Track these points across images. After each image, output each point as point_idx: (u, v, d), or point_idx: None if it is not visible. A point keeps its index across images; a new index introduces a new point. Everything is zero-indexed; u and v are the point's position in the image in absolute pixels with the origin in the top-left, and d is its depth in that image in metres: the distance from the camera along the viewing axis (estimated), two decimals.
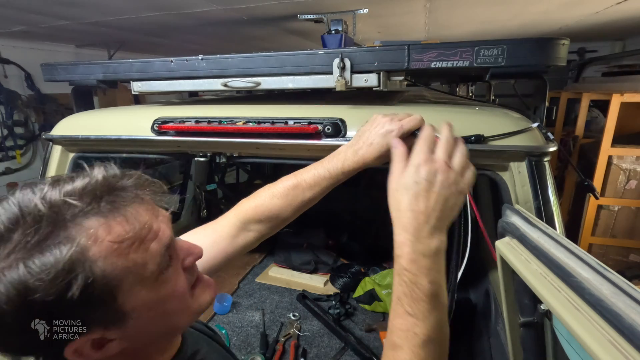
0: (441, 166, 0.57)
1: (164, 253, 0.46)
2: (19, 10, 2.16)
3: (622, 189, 2.66)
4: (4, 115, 3.19)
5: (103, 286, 0.40)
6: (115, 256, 0.41)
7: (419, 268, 0.54)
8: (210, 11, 2.25)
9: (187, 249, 0.53)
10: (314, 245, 2.31)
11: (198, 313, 0.54)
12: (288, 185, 0.81)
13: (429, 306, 0.53)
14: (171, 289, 0.48)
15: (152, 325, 0.48)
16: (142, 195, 0.47)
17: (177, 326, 0.53)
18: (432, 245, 0.55)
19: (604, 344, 0.37)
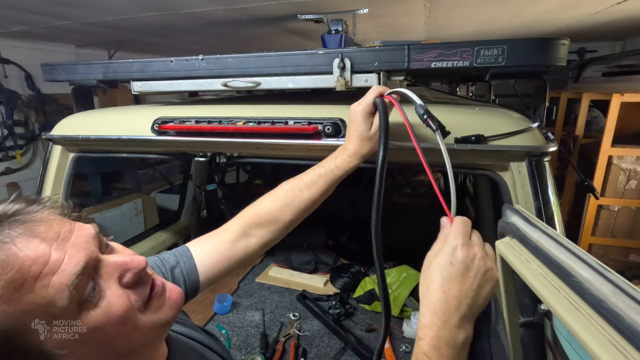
0: (480, 251, 0.55)
1: (75, 283, 0.41)
2: (19, 10, 2.16)
3: (622, 189, 2.66)
4: (4, 115, 3.19)
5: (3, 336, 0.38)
6: (3, 304, 0.37)
7: (440, 357, 0.51)
8: (210, 11, 2.26)
9: (122, 265, 0.47)
10: (314, 245, 2.31)
11: (161, 327, 0.50)
12: (286, 187, 0.83)
13: None
14: (104, 315, 0.43)
15: (94, 355, 0.44)
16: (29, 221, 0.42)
17: (134, 346, 0.49)
18: (458, 336, 0.52)
19: (604, 344, 0.37)
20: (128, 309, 0.45)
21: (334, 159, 0.81)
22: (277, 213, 0.82)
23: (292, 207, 0.82)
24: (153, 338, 0.52)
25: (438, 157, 0.87)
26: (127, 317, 0.45)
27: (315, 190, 0.81)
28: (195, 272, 0.77)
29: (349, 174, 0.83)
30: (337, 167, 0.80)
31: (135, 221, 3.11)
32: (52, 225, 0.44)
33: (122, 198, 3.28)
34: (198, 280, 0.77)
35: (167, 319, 0.51)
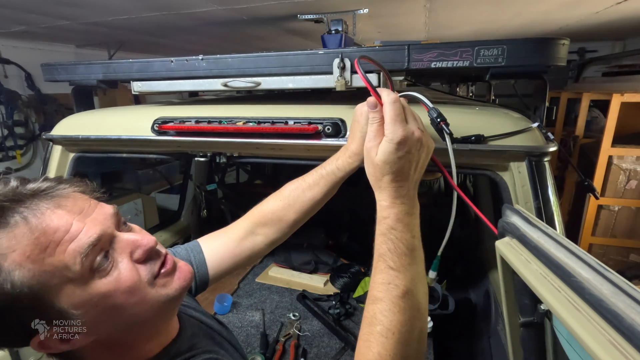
0: (418, 135, 0.59)
1: (88, 252, 0.46)
2: (19, 10, 2.16)
3: (622, 189, 2.66)
4: (4, 115, 3.20)
5: (25, 292, 0.43)
6: (30, 263, 0.43)
7: (404, 225, 0.59)
8: (211, 11, 2.26)
9: (134, 242, 0.52)
10: (314, 245, 2.31)
11: (168, 302, 0.54)
12: (290, 187, 0.85)
13: (410, 259, 0.58)
14: (114, 284, 0.48)
15: (107, 318, 0.49)
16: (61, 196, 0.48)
17: (141, 318, 0.53)
18: (413, 205, 0.60)
19: (604, 344, 0.37)
20: (137, 281, 0.50)
21: (335, 160, 0.81)
22: (281, 213, 0.84)
23: (295, 207, 0.83)
24: (161, 311, 0.55)
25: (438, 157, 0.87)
26: (135, 288, 0.50)
27: (318, 191, 0.82)
28: (204, 266, 0.81)
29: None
30: (337, 168, 0.80)
31: (135, 221, 3.09)
32: (77, 201, 0.50)
33: (122, 198, 3.28)
34: (207, 274, 0.81)
35: (174, 294, 0.55)
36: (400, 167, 0.59)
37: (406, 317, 0.55)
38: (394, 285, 0.56)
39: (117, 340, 0.53)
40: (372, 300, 0.57)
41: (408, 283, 0.56)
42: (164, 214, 3.47)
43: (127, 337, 0.54)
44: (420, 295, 0.58)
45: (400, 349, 0.53)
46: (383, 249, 0.59)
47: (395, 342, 0.53)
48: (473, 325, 1.64)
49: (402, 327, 0.54)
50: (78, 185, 0.53)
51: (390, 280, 0.56)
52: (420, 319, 0.57)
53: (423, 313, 0.58)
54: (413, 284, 0.57)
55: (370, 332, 0.55)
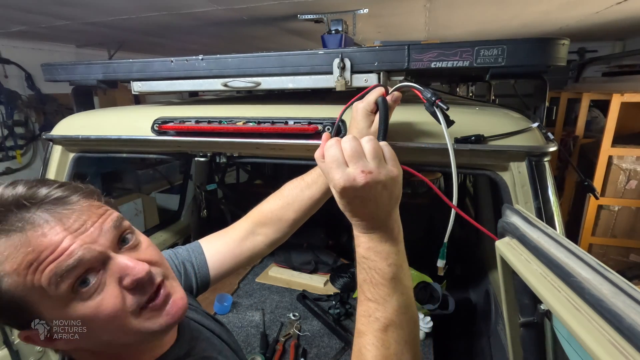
0: (361, 180, 0.51)
1: (64, 274, 0.45)
2: (19, 10, 2.16)
3: (622, 189, 2.66)
4: (4, 115, 3.20)
5: (9, 299, 0.45)
6: (15, 275, 0.44)
7: (377, 253, 0.54)
8: (210, 11, 2.26)
9: (124, 269, 0.49)
10: (314, 245, 2.31)
11: (147, 335, 0.51)
12: (289, 186, 0.86)
13: (389, 289, 0.53)
14: (93, 309, 0.46)
15: (85, 336, 0.48)
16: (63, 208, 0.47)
17: (120, 343, 0.51)
18: (386, 232, 0.55)
19: (604, 344, 0.37)
20: (119, 310, 0.48)
21: None
22: (280, 212, 0.84)
23: (294, 206, 0.84)
24: (144, 340, 0.53)
25: (438, 156, 0.87)
26: (116, 317, 0.48)
27: (316, 189, 0.82)
28: (205, 266, 0.81)
29: None
30: None
31: (135, 221, 3.11)
32: (82, 215, 0.48)
33: (122, 198, 3.29)
34: (208, 275, 0.81)
35: (158, 329, 0.51)
36: (354, 209, 0.54)
37: (391, 352, 0.51)
38: (374, 318, 0.53)
39: (102, 351, 0.53)
40: (357, 333, 0.54)
41: (390, 315, 0.52)
42: (164, 214, 3.47)
43: (111, 350, 0.53)
44: (408, 328, 0.54)
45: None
46: (360, 279, 0.56)
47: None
48: (473, 325, 1.64)
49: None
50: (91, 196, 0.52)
51: (370, 313, 0.53)
52: (409, 351, 0.53)
53: (412, 343, 0.54)
54: (396, 315, 0.53)
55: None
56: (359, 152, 0.52)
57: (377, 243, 0.55)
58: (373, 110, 0.79)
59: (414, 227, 2.29)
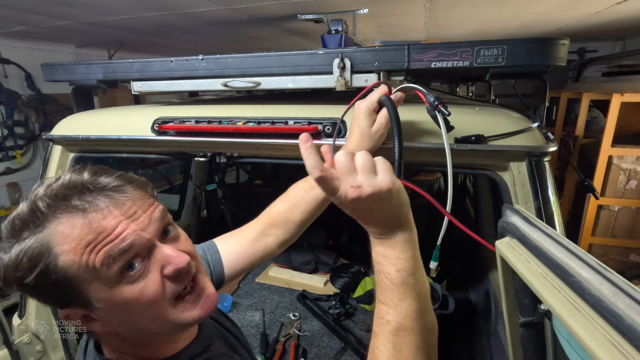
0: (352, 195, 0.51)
1: (117, 256, 0.48)
2: (20, 10, 2.16)
3: (622, 189, 2.65)
4: (4, 115, 3.20)
5: (63, 276, 0.47)
6: (72, 254, 0.47)
7: (386, 258, 0.55)
8: (210, 11, 2.26)
9: (167, 257, 0.53)
10: (314, 245, 2.31)
11: (182, 326, 0.55)
12: (294, 188, 0.88)
13: (399, 294, 0.54)
14: (137, 293, 0.50)
15: (122, 320, 0.52)
16: (123, 196, 0.51)
17: (151, 331, 0.54)
18: (395, 239, 0.55)
19: (604, 344, 0.37)
20: (159, 296, 0.51)
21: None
22: (287, 214, 0.86)
23: (300, 208, 0.85)
24: (174, 331, 0.57)
25: (438, 157, 0.87)
26: (156, 303, 0.51)
27: (319, 191, 0.82)
28: (220, 265, 0.83)
29: None
30: None
31: None
32: (135, 203, 0.52)
33: None
34: (223, 273, 0.83)
35: (191, 322, 0.55)
36: (359, 218, 0.56)
37: (403, 355, 0.52)
38: (385, 320, 0.54)
39: (131, 338, 0.56)
40: (373, 334, 0.56)
41: (401, 319, 0.53)
42: None
43: (140, 338, 0.56)
44: (421, 335, 0.54)
45: None
46: (375, 282, 0.57)
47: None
48: (473, 325, 1.64)
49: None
50: (143, 188, 0.55)
51: (382, 315, 0.54)
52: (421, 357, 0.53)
53: (426, 353, 0.54)
54: (408, 320, 0.53)
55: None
56: (350, 167, 0.52)
57: (387, 248, 0.55)
58: (375, 110, 0.79)
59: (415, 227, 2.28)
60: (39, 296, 0.52)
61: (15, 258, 0.47)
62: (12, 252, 0.47)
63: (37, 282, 0.47)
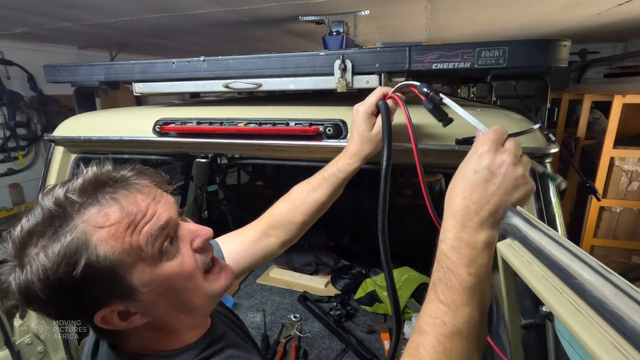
0: (510, 157, 0.51)
1: (158, 234, 0.52)
2: (22, 11, 2.17)
3: (624, 191, 2.65)
4: (7, 117, 3.21)
5: (106, 265, 0.48)
6: (113, 240, 0.49)
7: (459, 257, 0.51)
8: (212, 13, 2.26)
9: (194, 232, 0.58)
10: (315, 246, 2.31)
11: (214, 296, 0.60)
12: (296, 190, 0.88)
13: (464, 298, 0.50)
14: (177, 267, 0.54)
15: (165, 300, 0.54)
16: (140, 184, 0.54)
17: (191, 304, 0.58)
18: (478, 238, 0.52)
19: (606, 347, 0.37)
20: (195, 268, 0.56)
21: (336, 162, 0.83)
22: (289, 215, 0.86)
23: (301, 210, 0.86)
24: (207, 302, 0.60)
25: (439, 158, 0.87)
26: (193, 274, 0.56)
27: (321, 193, 0.84)
28: None
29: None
30: (339, 170, 0.82)
31: None
32: (152, 190, 0.56)
33: None
34: None
35: (220, 291, 0.61)
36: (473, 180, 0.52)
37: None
38: (441, 321, 0.50)
39: (165, 325, 0.58)
40: (418, 330, 0.52)
41: (459, 324, 0.50)
42: None
43: (174, 323, 0.58)
44: (475, 344, 0.51)
45: None
46: (435, 278, 0.53)
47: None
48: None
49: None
50: (153, 177, 0.58)
51: (438, 315, 0.51)
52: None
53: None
54: (466, 327, 0.50)
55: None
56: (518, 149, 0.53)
57: (464, 245, 0.52)
58: (374, 113, 0.79)
59: (416, 228, 2.29)
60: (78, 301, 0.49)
61: (55, 258, 0.46)
62: (48, 253, 0.46)
63: (83, 275, 0.46)
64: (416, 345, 0.51)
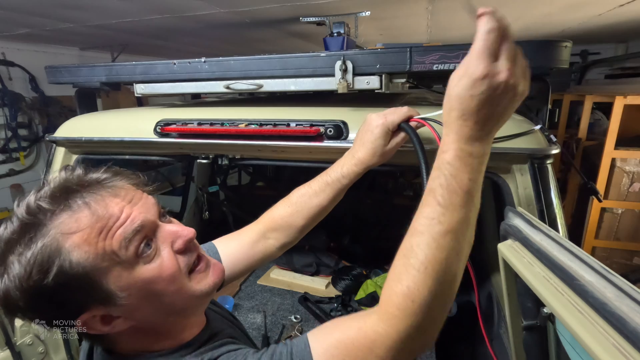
0: (504, 77, 0.49)
1: (132, 237, 0.51)
2: (24, 13, 2.18)
3: (625, 192, 2.64)
4: (8, 117, 3.22)
5: (80, 271, 0.48)
6: (86, 245, 0.48)
7: (463, 164, 0.53)
8: (213, 14, 2.27)
9: (175, 233, 0.56)
10: (315, 247, 2.31)
11: (202, 296, 0.59)
12: (297, 193, 0.87)
13: (462, 200, 0.53)
14: (157, 270, 0.52)
15: (147, 304, 0.53)
16: (115, 186, 0.54)
17: (177, 307, 0.57)
18: (480, 150, 0.54)
19: (607, 348, 0.36)
20: (176, 270, 0.54)
21: (340, 168, 0.82)
22: (290, 218, 0.86)
23: (303, 213, 0.85)
24: (194, 304, 0.59)
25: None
26: (175, 277, 0.54)
27: (324, 197, 0.84)
28: None
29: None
30: (343, 176, 0.81)
31: None
32: (129, 192, 0.55)
33: None
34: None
35: (208, 290, 0.59)
36: (471, 106, 0.51)
37: (443, 256, 0.51)
38: (437, 221, 0.52)
39: (154, 327, 0.57)
40: (412, 233, 0.54)
41: (454, 223, 0.52)
42: None
43: (162, 325, 0.57)
44: (464, 242, 0.54)
45: (430, 286, 0.50)
46: (434, 184, 0.54)
47: (426, 277, 0.51)
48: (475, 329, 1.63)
49: (437, 264, 0.51)
50: (130, 178, 0.58)
51: (434, 216, 0.53)
52: (457, 265, 0.53)
53: (462, 260, 0.54)
54: (459, 226, 0.52)
55: (402, 264, 0.53)
56: (512, 55, 0.51)
57: (467, 155, 0.53)
58: (393, 130, 0.78)
59: None
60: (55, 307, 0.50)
61: (27, 265, 0.46)
62: (22, 260, 0.46)
63: (55, 283, 0.46)
64: (409, 246, 0.54)
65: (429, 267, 0.51)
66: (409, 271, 0.52)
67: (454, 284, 0.54)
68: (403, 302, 0.51)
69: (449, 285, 0.53)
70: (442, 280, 0.51)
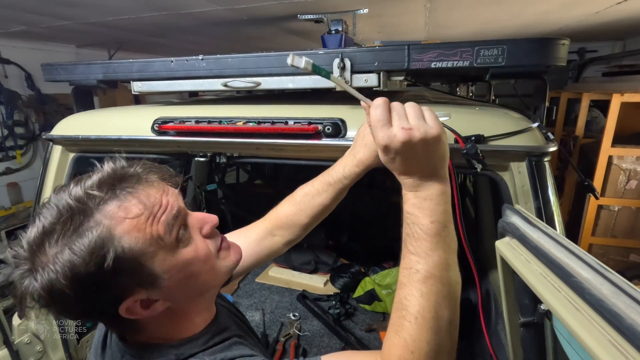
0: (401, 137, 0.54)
1: (174, 222, 0.55)
2: (20, 10, 2.16)
3: (622, 189, 2.65)
4: (5, 115, 3.20)
5: (131, 256, 0.51)
6: (135, 231, 0.52)
7: (421, 210, 0.57)
8: (210, 11, 2.26)
9: (202, 219, 0.62)
10: (314, 245, 2.31)
11: (226, 273, 0.65)
12: (301, 192, 0.89)
13: (431, 244, 0.56)
14: (193, 253, 0.58)
15: (185, 284, 0.58)
16: (150, 178, 0.58)
17: (208, 285, 0.63)
18: (433, 191, 0.57)
19: (604, 344, 0.37)
20: (209, 252, 0.60)
21: (342, 169, 0.82)
22: (294, 217, 0.88)
23: (306, 212, 0.87)
24: (221, 280, 0.66)
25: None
26: (209, 257, 0.60)
27: (326, 197, 0.85)
28: None
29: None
30: (344, 177, 0.82)
31: None
32: (161, 184, 0.59)
33: None
34: None
35: (232, 265, 0.65)
36: (397, 166, 0.58)
37: (430, 303, 0.54)
38: (414, 270, 0.55)
39: (182, 310, 0.61)
40: (399, 285, 0.58)
41: (430, 268, 0.55)
42: None
43: (190, 306, 0.62)
44: (448, 283, 0.56)
45: (426, 335, 0.53)
46: (404, 235, 0.58)
47: (419, 327, 0.53)
48: (473, 325, 1.64)
49: (426, 312, 0.53)
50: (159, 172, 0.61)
51: (411, 265, 0.56)
52: (447, 308, 0.55)
53: (451, 302, 0.56)
54: (437, 270, 0.55)
55: (397, 316, 0.56)
56: (401, 113, 0.57)
57: (422, 200, 0.57)
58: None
59: None
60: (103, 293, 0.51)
61: (82, 253, 0.47)
62: (74, 248, 0.47)
63: (112, 267, 0.48)
64: (399, 299, 0.57)
65: (419, 317, 0.53)
66: (403, 323, 0.54)
67: (450, 330, 0.55)
68: (403, 354, 0.53)
69: (446, 332, 0.55)
70: (437, 328, 0.54)
